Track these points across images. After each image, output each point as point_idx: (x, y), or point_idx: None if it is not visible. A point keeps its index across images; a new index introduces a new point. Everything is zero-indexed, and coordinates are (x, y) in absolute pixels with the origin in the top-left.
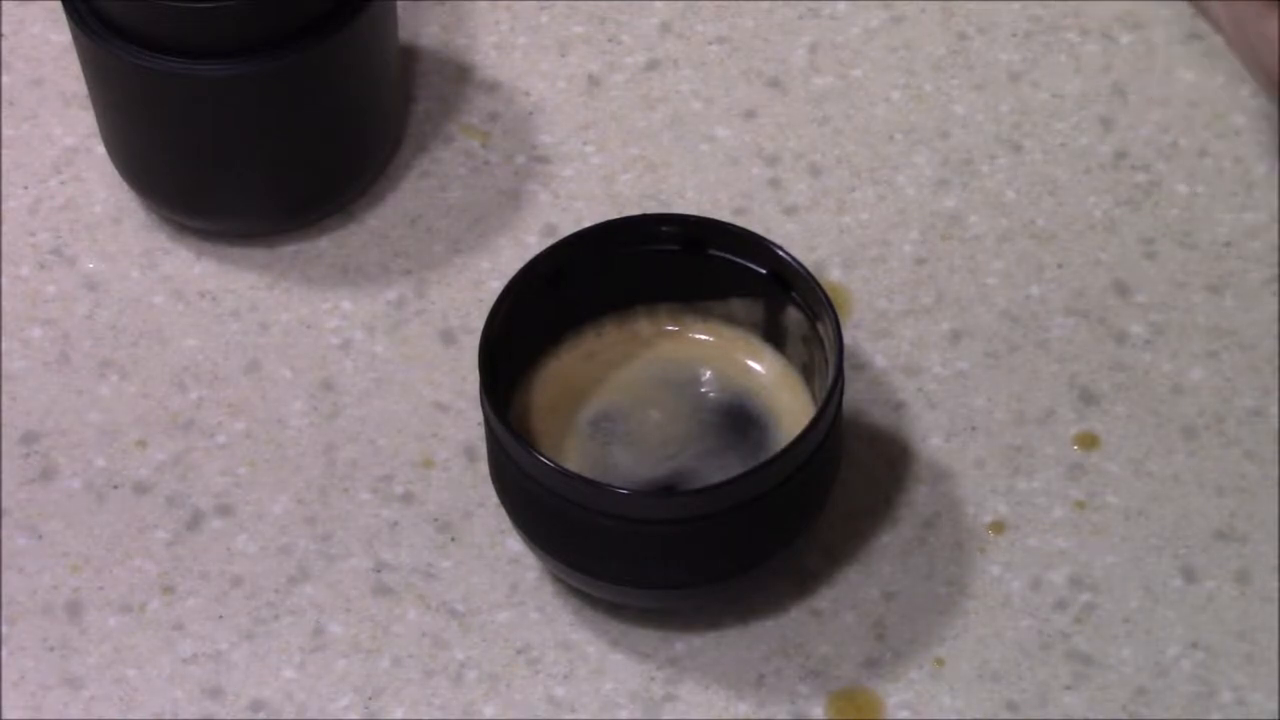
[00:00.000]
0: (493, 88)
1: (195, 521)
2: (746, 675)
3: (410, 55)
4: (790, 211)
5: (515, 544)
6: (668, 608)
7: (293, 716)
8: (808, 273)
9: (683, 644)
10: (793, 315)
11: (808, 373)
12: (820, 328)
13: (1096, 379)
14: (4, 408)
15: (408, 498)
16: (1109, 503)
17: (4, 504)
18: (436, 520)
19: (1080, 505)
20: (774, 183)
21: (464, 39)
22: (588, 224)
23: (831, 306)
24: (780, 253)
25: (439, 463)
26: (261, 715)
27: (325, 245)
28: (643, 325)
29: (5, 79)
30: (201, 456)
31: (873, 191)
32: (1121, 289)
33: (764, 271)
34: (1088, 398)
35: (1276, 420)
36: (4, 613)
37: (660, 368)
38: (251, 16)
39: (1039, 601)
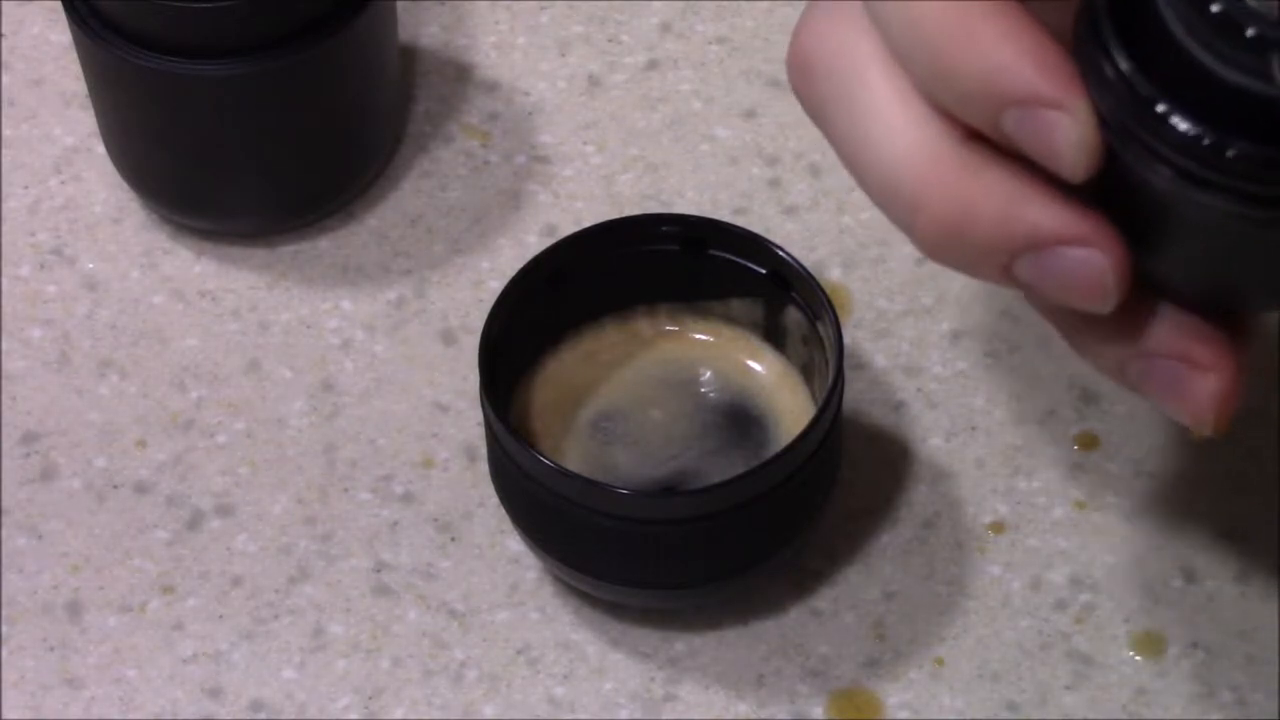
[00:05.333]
0: (493, 88)
1: (195, 521)
2: (746, 675)
3: (410, 55)
4: (790, 211)
5: (515, 544)
6: (668, 608)
7: (293, 716)
8: (808, 273)
9: (683, 644)
10: (793, 315)
11: (808, 373)
12: (820, 328)
13: (1096, 379)
14: (4, 408)
15: (408, 498)
16: (1109, 503)
17: (4, 504)
18: (436, 520)
19: (1080, 505)
20: (774, 183)
21: (464, 39)
22: (588, 224)
23: (831, 306)
24: (780, 253)
25: (439, 463)
26: (261, 715)
27: (325, 245)
28: (643, 325)
29: (5, 79)
30: (201, 456)
31: None
32: None
33: (764, 271)
34: (1088, 398)
35: (1276, 420)
36: (4, 613)
37: (660, 368)
38: (251, 16)
39: (1039, 601)
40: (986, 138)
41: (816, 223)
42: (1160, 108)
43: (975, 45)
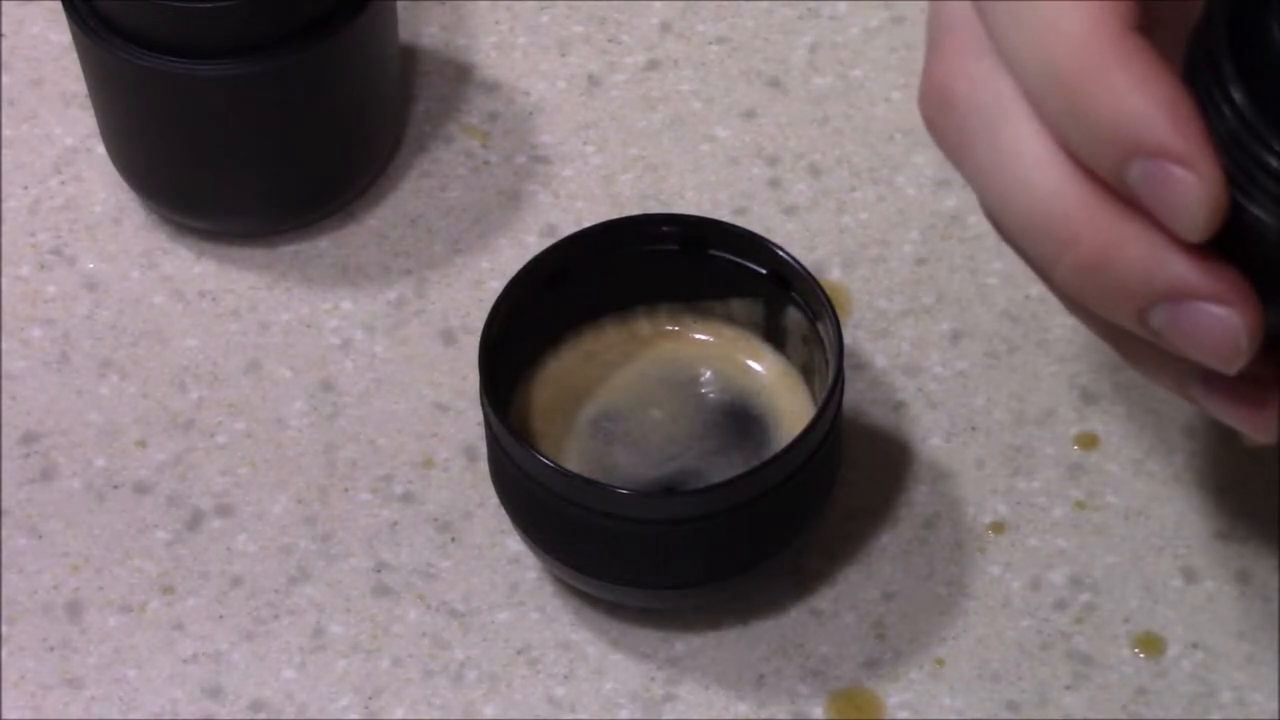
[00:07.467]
0: (493, 88)
1: (195, 521)
2: (746, 675)
3: (410, 55)
4: (790, 211)
5: (515, 544)
6: (668, 608)
7: (293, 716)
8: (808, 273)
9: (683, 644)
10: (793, 315)
11: (808, 373)
12: (820, 328)
13: (1096, 379)
14: (4, 408)
15: (408, 498)
16: (1109, 503)
17: (4, 504)
18: (436, 520)
19: (1080, 505)
20: (774, 183)
21: (464, 39)
22: (588, 224)
23: (831, 306)
24: (780, 253)
25: (439, 463)
26: (261, 715)
27: (325, 245)
28: (643, 325)
29: (5, 79)
30: (201, 456)
31: (873, 191)
32: None
33: (764, 271)
34: (1088, 398)
35: None
36: (4, 613)
37: (660, 368)
38: (251, 16)
39: (1039, 601)
40: None
41: (816, 223)
42: (1274, 141)
43: (1109, 89)
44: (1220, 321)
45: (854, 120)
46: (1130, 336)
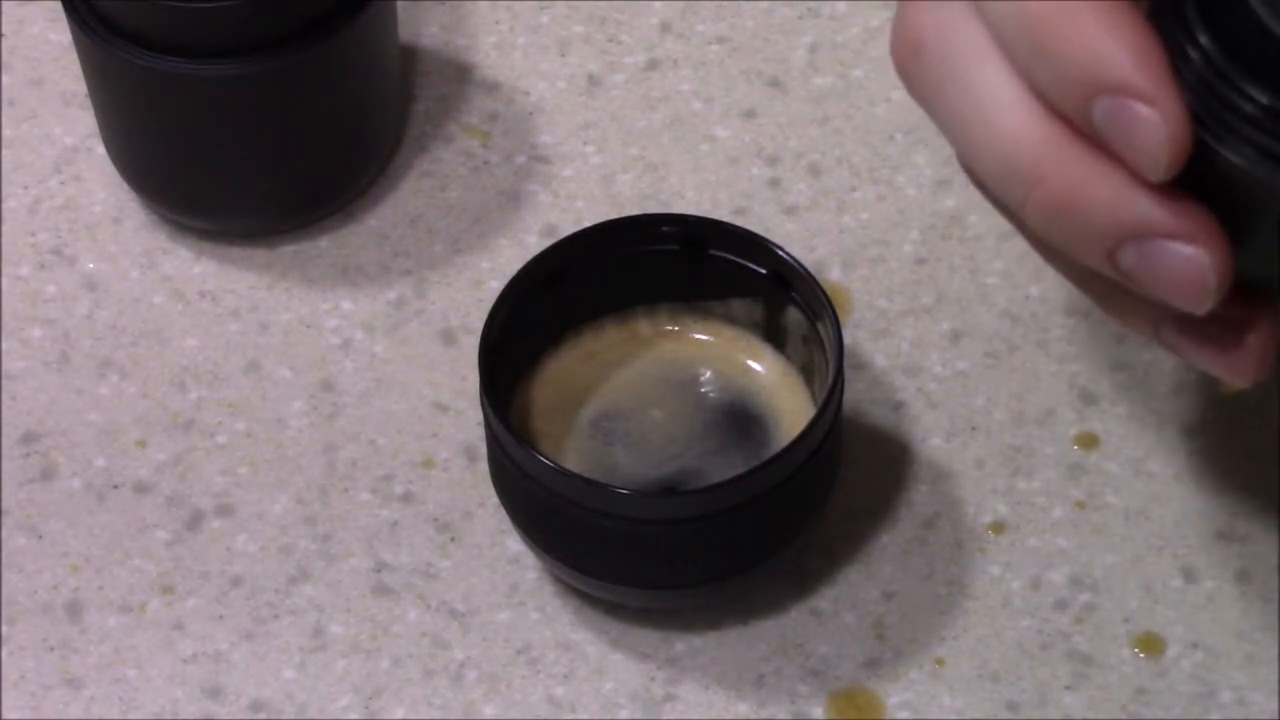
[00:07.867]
0: (493, 88)
1: (195, 521)
2: (746, 675)
3: (410, 55)
4: (790, 211)
5: (515, 544)
6: (668, 608)
7: (293, 716)
8: (808, 273)
9: (683, 644)
10: (793, 315)
11: (808, 373)
12: (820, 328)
13: (1096, 379)
14: (4, 408)
15: (408, 498)
16: (1109, 503)
17: (4, 504)
18: (436, 520)
19: (1080, 505)
20: (774, 183)
21: (464, 39)
22: (588, 224)
23: (831, 306)
24: (780, 253)
25: (439, 463)
26: (261, 715)
27: (325, 245)
28: (643, 325)
29: (5, 79)
30: (201, 456)
31: (873, 191)
32: None
33: (764, 271)
34: (1088, 398)
35: (1276, 420)
36: (4, 613)
37: (660, 368)
38: (251, 16)
39: (1039, 601)
40: None
41: (816, 223)
42: (1239, 82)
43: (1078, 29)
44: (1188, 261)
45: (854, 120)
46: (1104, 282)
